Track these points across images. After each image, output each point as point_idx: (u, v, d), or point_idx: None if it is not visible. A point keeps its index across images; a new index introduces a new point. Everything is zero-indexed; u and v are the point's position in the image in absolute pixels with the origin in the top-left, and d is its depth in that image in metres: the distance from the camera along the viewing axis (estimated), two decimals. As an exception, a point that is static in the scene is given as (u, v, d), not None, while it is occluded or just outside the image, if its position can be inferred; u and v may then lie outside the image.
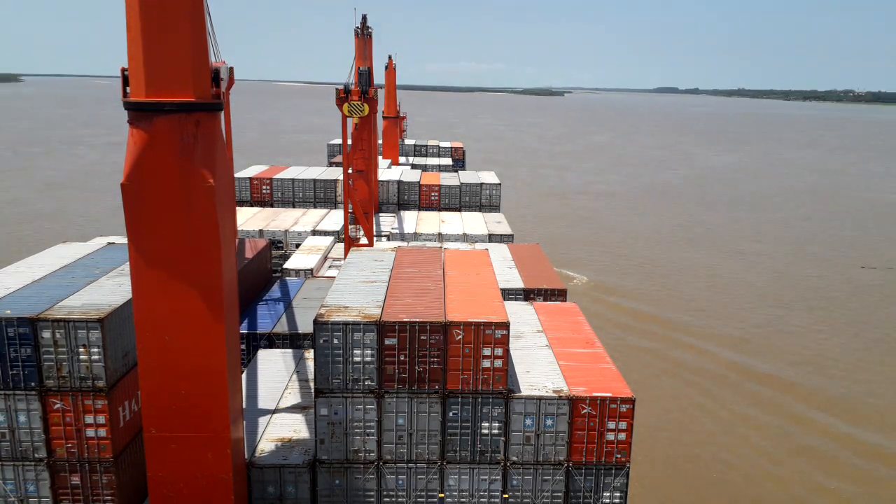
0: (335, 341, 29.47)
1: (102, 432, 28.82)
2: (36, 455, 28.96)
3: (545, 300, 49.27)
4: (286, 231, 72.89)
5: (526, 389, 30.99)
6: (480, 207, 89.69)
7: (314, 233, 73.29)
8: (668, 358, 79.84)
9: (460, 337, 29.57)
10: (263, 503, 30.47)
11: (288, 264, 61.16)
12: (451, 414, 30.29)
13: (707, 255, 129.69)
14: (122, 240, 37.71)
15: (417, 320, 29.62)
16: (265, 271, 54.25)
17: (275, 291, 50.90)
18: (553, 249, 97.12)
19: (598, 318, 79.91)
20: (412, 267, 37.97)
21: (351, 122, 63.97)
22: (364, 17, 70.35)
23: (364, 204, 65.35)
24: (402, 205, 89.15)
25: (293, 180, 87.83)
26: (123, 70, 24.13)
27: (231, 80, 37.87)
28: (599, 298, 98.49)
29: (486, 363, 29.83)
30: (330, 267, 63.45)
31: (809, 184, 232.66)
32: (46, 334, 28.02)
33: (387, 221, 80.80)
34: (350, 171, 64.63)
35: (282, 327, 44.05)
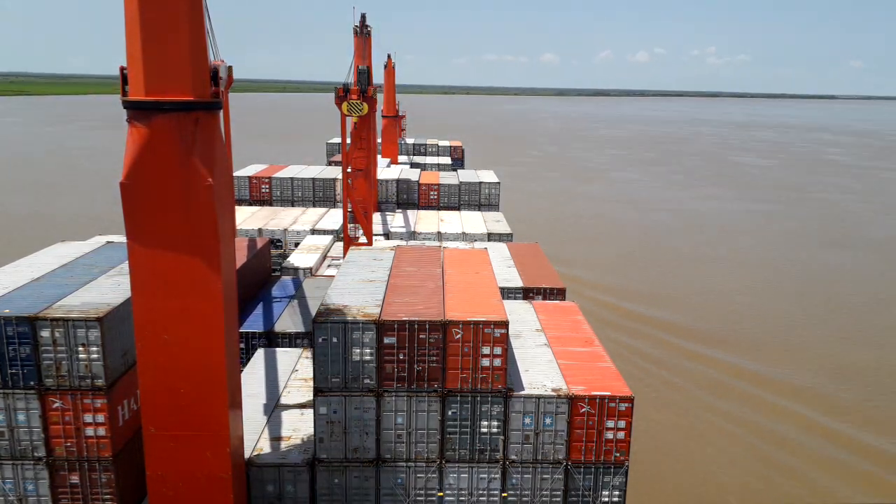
0: (334, 340, 29.48)
1: (101, 431, 28.81)
2: (35, 454, 28.95)
3: (544, 299, 49.33)
4: (285, 230, 72.83)
5: (525, 388, 31.01)
6: (479, 206, 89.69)
7: (313, 232, 73.25)
8: (668, 357, 79.89)
9: (459, 336, 29.59)
10: (262, 502, 30.48)
11: (287, 263, 61.15)
12: (450, 413, 30.31)
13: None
14: (121, 239, 37.65)
15: (416, 319, 29.63)
16: (264, 270, 54.28)
17: (274, 290, 50.93)
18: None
19: (597, 317, 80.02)
20: (411, 266, 37.98)
21: (350, 121, 63.98)
22: (363, 16, 70.22)
23: (363, 203, 65.34)
24: (401, 204, 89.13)
25: (292, 179, 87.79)
26: (122, 69, 24.13)
27: (230, 79, 37.88)
28: (601, 298, 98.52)
29: (485, 362, 29.84)
30: (329, 266, 63.46)
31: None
32: (45, 333, 28.01)
33: (386, 220, 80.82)
34: (349, 169, 64.65)
35: (281, 326, 44.08)
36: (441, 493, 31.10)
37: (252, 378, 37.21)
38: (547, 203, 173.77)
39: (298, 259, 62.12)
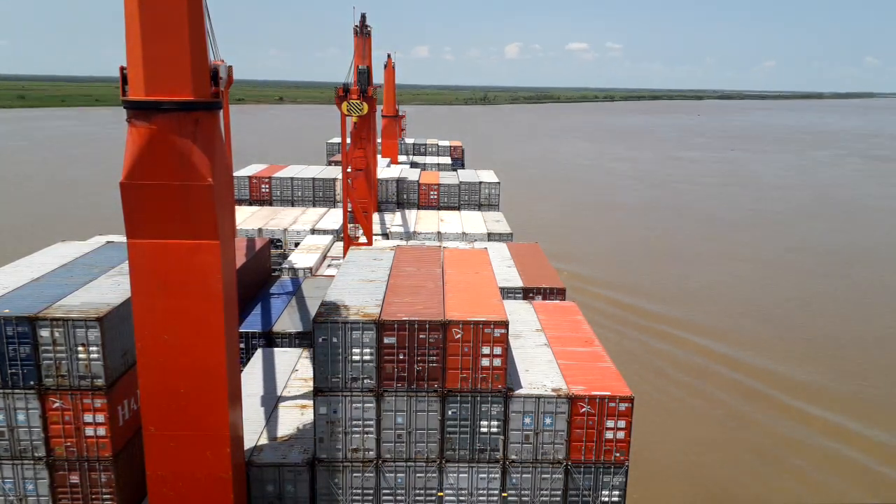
0: (334, 340, 29.48)
1: (102, 431, 28.82)
2: (35, 454, 28.96)
3: (544, 299, 49.34)
4: (285, 230, 72.84)
5: (525, 388, 31.02)
6: (479, 206, 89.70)
7: (313, 231, 73.25)
8: (667, 356, 79.89)
9: (459, 336, 29.59)
10: (262, 502, 30.50)
11: (287, 263, 61.16)
12: (450, 412, 30.32)
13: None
14: (121, 238, 37.71)
15: (416, 319, 29.63)
16: (264, 270, 54.26)
17: (274, 290, 50.92)
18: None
19: (597, 314, 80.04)
20: (411, 266, 37.99)
21: (350, 121, 64.01)
22: (363, 16, 70.19)
23: (363, 203, 65.37)
24: (401, 203, 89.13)
25: (292, 179, 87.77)
26: (122, 69, 24.14)
27: (230, 79, 37.85)
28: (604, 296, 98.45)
29: (485, 362, 29.85)
30: (329, 266, 63.47)
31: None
32: (45, 333, 28.02)
33: (386, 220, 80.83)
34: (349, 169, 64.67)
35: (281, 326, 44.07)
36: (441, 493, 31.11)
37: (252, 378, 37.21)
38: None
39: (298, 259, 62.12)
